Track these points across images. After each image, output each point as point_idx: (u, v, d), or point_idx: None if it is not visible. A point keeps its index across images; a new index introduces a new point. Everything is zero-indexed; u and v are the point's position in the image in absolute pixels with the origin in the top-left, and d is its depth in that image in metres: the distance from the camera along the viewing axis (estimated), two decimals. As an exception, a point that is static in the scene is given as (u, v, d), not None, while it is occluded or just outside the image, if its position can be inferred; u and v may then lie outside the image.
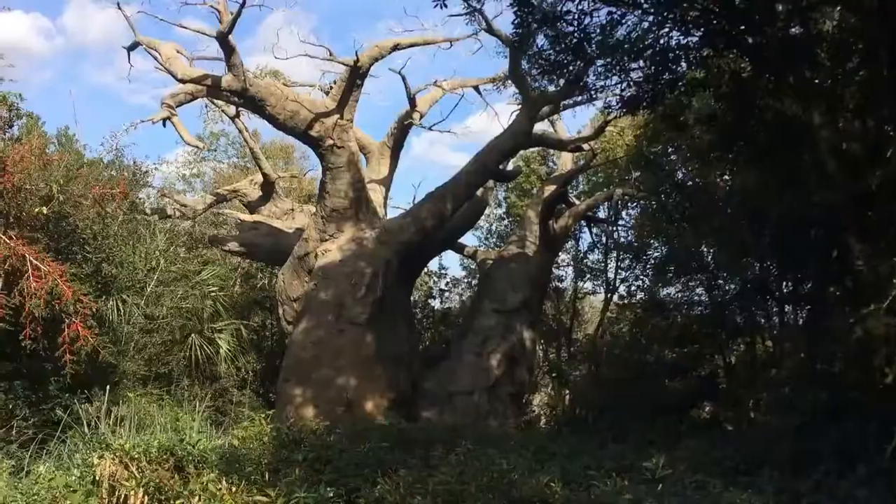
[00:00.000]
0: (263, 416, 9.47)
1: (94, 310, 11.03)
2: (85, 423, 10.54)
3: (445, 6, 10.06)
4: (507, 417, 18.92)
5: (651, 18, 9.60)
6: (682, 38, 9.65)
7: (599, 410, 17.50)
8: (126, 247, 14.13)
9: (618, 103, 10.88)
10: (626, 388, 17.80)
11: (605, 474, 7.20)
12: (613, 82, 10.31)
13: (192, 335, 17.27)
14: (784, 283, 15.96)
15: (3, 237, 9.89)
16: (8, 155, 10.23)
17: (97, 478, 7.00)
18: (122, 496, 7.04)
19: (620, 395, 17.58)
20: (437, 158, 71.82)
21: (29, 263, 9.94)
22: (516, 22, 9.89)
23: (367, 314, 16.95)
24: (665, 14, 9.29)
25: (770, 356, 17.49)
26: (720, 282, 18.01)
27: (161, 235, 16.20)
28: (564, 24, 9.43)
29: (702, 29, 9.66)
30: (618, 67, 9.97)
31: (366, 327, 16.93)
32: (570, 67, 10.14)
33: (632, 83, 10.38)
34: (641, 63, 9.99)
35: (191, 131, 18.31)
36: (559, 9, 9.36)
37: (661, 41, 9.77)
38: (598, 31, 9.33)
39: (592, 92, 10.36)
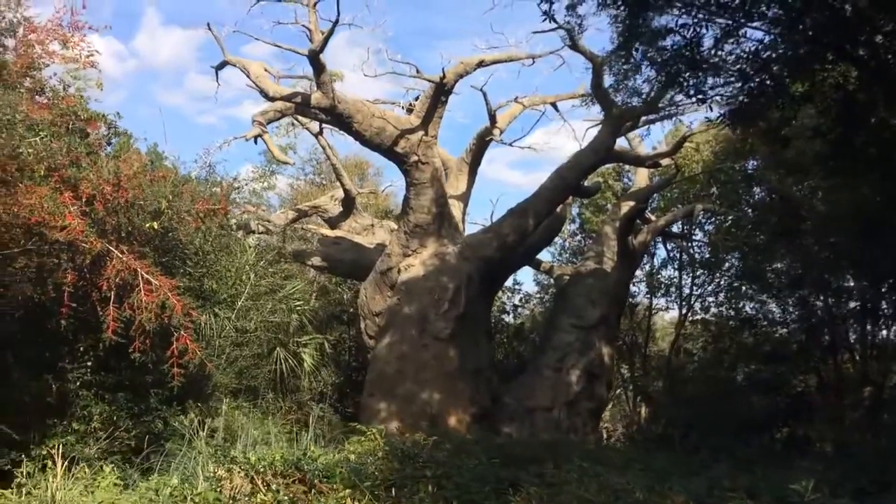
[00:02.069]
0: (376, 430, 9.53)
1: (202, 323, 11.26)
2: (193, 434, 10.73)
3: (554, 20, 10.07)
4: (587, 433, 18.73)
5: (761, 32, 9.49)
6: (790, 50, 9.48)
7: (685, 427, 17.17)
8: (224, 261, 14.41)
9: (722, 117, 10.72)
10: (711, 406, 17.45)
11: (739, 496, 7.01)
12: (726, 93, 10.16)
13: (278, 348, 17.50)
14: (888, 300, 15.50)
15: (116, 251, 10.15)
16: (122, 171, 10.53)
17: (225, 491, 7.09)
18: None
19: (705, 412, 17.25)
20: (494, 175, 71.92)
21: (140, 277, 10.17)
22: (622, 34, 9.86)
23: (450, 329, 17.02)
24: (776, 27, 9.16)
25: (863, 375, 16.99)
26: (813, 298, 17.57)
27: (251, 250, 16.49)
28: (678, 36, 9.39)
29: (811, 41, 9.48)
30: (729, 80, 9.85)
31: (449, 342, 16.98)
32: (687, 81, 10.03)
33: (737, 96, 10.24)
34: (746, 76, 9.85)
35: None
36: (666, 23, 9.31)
37: (768, 53, 9.62)
38: (711, 43, 9.26)
39: (702, 102, 10.20)
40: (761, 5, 8.94)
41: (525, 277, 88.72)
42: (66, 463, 10.90)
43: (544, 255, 25.16)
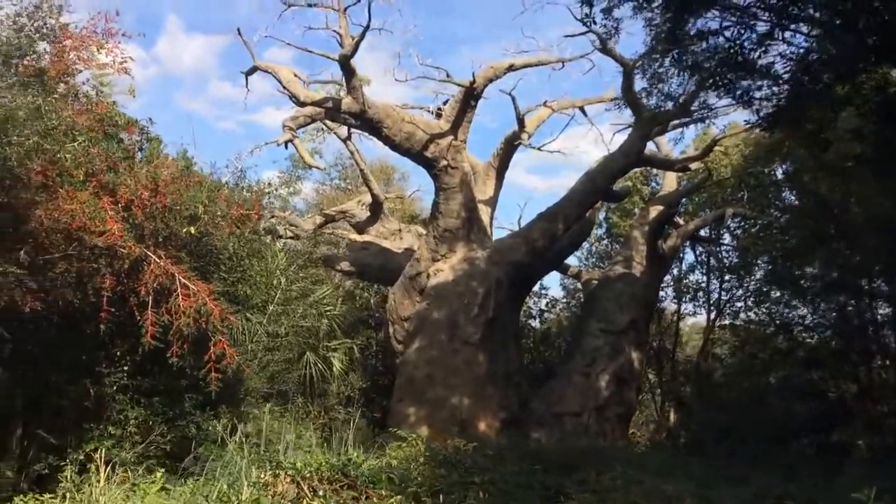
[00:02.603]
0: (416, 436, 9.46)
1: (239, 328, 11.24)
2: (227, 439, 10.70)
3: (594, 22, 10.00)
4: (616, 439, 18.58)
5: (800, 34, 9.37)
6: (836, 52, 9.34)
7: (718, 433, 16.96)
8: (257, 266, 14.43)
9: (761, 119, 10.60)
10: (745, 411, 17.23)
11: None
12: (766, 95, 10.03)
13: (308, 353, 17.51)
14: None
15: (153, 256, 10.16)
16: (159, 176, 10.56)
17: (271, 496, 7.05)
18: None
19: (739, 417, 17.03)
20: (514, 180, 71.64)
21: (178, 282, 10.17)
22: (659, 36, 9.76)
23: (479, 334, 16.96)
24: (819, 28, 9.03)
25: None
26: (849, 303, 17.31)
27: (281, 255, 16.52)
28: (721, 38, 9.29)
29: (857, 43, 9.34)
30: (769, 82, 9.74)
31: (478, 347, 16.93)
32: (732, 83, 9.91)
33: (778, 98, 10.11)
34: (789, 78, 9.73)
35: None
36: (708, 25, 9.21)
37: (811, 55, 9.50)
38: (749, 45, 9.15)
39: (748, 105, 10.07)
40: (808, 7, 8.83)
41: (551, 282, 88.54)
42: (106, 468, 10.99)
43: (571, 260, 25.07)
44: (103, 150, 10.56)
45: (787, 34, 9.49)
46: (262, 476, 7.44)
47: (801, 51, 9.43)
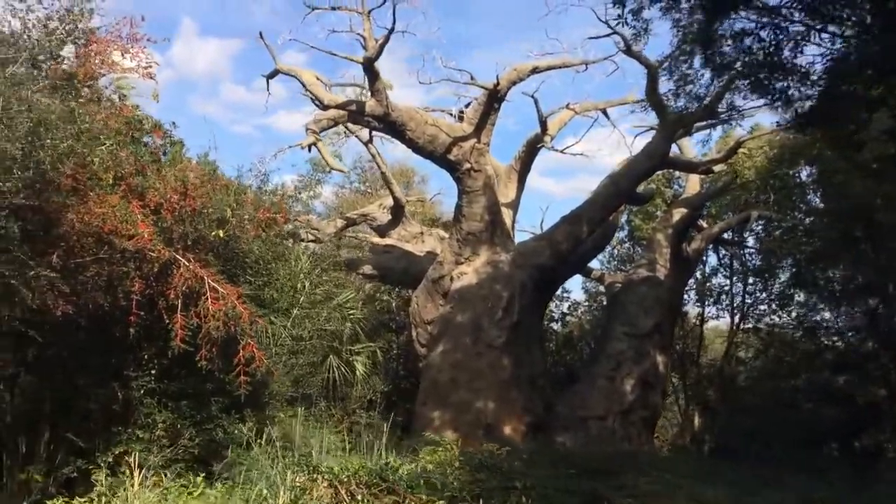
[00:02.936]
0: (452, 441, 9.38)
1: (264, 332, 11.20)
2: (253, 442, 10.66)
3: (626, 24, 9.90)
4: (641, 443, 18.42)
5: (837, 35, 9.21)
6: (876, 52, 9.18)
7: (747, 437, 16.76)
8: (282, 270, 14.39)
9: (794, 120, 10.45)
10: (773, 415, 17.03)
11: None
12: (799, 96, 9.88)
13: (331, 357, 17.45)
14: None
15: (182, 259, 10.14)
16: (188, 180, 10.54)
17: (308, 501, 6.99)
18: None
19: (767, 421, 16.83)
20: (529, 183, 71.27)
21: (207, 285, 10.13)
22: (694, 36, 9.65)
23: (504, 337, 16.88)
24: (855, 28, 8.89)
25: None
26: (881, 305, 17.06)
27: (304, 258, 16.47)
28: (757, 39, 9.16)
29: (891, 43, 9.17)
30: (803, 83, 9.59)
31: (503, 350, 16.85)
32: (771, 83, 9.77)
33: (810, 99, 9.96)
34: (824, 78, 9.58)
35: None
36: (741, 26, 9.09)
37: (847, 56, 9.34)
38: (790, 45, 9.02)
39: (787, 105, 9.90)
40: (844, 7, 8.68)
41: (572, 285, 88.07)
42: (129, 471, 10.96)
43: (593, 263, 24.90)
44: (132, 153, 10.57)
45: (822, 35, 9.34)
46: (299, 480, 7.36)
47: (836, 51, 9.27)
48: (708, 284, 25.80)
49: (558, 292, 25.95)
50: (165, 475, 10.49)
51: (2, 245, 7.50)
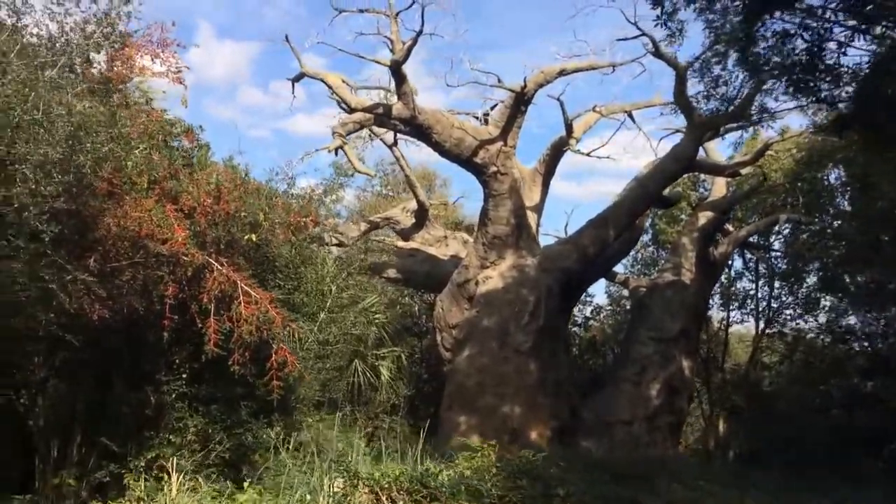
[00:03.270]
0: (490, 446, 9.29)
1: (292, 336, 11.15)
2: (281, 447, 10.61)
3: (665, 25, 9.79)
4: (667, 448, 18.25)
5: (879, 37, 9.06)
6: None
7: (778, 443, 16.54)
8: (311, 274, 14.34)
9: (829, 122, 10.30)
10: (805, 421, 16.81)
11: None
12: (839, 98, 9.74)
13: (356, 361, 17.42)
14: None
15: (216, 263, 10.10)
16: (222, 183, 10.52)
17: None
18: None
19: (798, 427, 16.62)
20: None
21: (240, 289, 10.09)
22: (740, 37, 9.53)
23: (530, 342, 16.77)
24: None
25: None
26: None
27: (330, 262, 16.43)
28: (802, 41, 9.04)
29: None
30: (844, 83, 9.45)
31: (529, 355, 16.74)
32: (816, 84, 9.63)
33: (849, 100, 9.81)
34: (865, 79, 9.43)
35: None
36: (781, 27, 8.97)
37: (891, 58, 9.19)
38: (833, 46, 8.89)
39: (832, 107, 9.76)
40: (890, 8, 8.53)
41: (595, 290, 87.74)
42: (161, 475, 10.93)
43: (616, 267, 24.74)
44: (165, 157, 10.56)
45: (865, 36, 9.19)
46: (339, 486, 7.29)
47: (878, 53, 9.11)
48: (732, 288, 25.56)
49: (581, 297, 25.80)
50: (200, 480, 10.49)
51: (41, 249, 7.47)
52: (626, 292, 25.10)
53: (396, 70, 15.23)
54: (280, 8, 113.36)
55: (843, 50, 9.14)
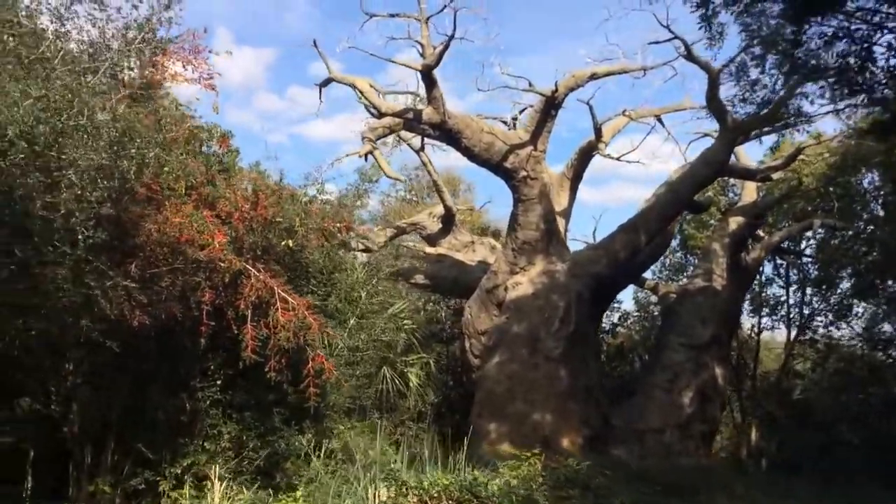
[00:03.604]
0: (534, 454, 9.16)
1: (323, 343, 11.08)
2: (313, 454, 10.52)
3: (710, 27, 9.65)
4: (700, 457, 17.98)
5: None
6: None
7: (814, 451, 16.26)
8: (345, 280, 14.25)
9: (866, 126, 10.11)
10: (838, 429, 16.54)
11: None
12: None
13: (384, 367, 17.31)
14: None
15: (253, 269, 10.03)
16: (260, 189, 10.47)
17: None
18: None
19: (832, 435, 16.35)
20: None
21: (277, 296, 10.02)
22: (791, 39, 9.36)
23: (561, 348, 16.59)
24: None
25: None
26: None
27: (360, 268, 16.35)
28: (852, 42, 8.86)
29: None
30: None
31: (560, 362, 16.56)
32: (869, 86, 9.44)
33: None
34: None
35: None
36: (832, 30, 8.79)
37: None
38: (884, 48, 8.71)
39: (888, 110, 9.55)
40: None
41: (622, 295, 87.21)
42: (196, 482, 10.86)
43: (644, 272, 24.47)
44: (202, 162, 10.52)
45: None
46: (386, 495, 7.18)
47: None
48: (763, 295, 25.23)
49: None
50: (237, 487, 10.43)
51: (88, 255, 7.41)
52: (653, 298, 24.84)
53: (427, 74, 15.15)
54: (297, 12, 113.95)
55: (893, 52, 8.95)
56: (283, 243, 10.63)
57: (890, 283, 20.01)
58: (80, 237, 6.99)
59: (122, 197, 8.43)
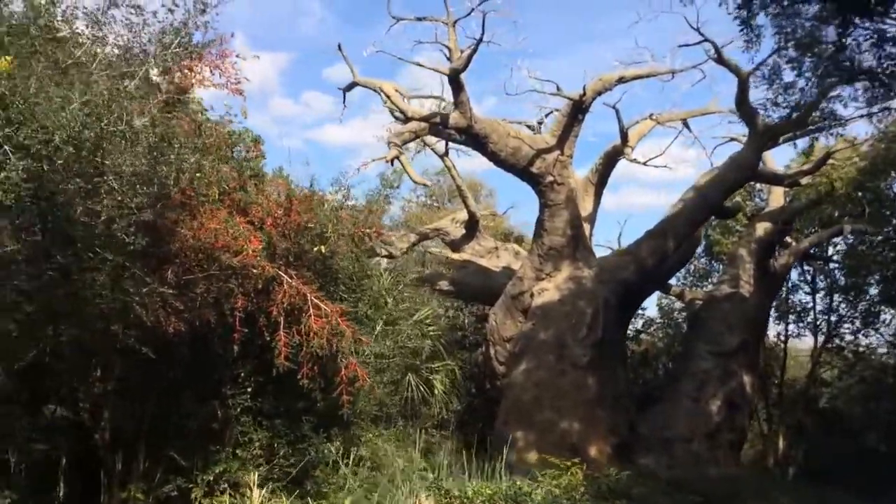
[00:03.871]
0: (574, 464, 9.02)
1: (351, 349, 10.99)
2: (340, 461, 10.40)
3: (751, 29, 9.50)
4: (728, 466, 17.71)
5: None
6: None
7: (843, 459, 16.02)
8: (374, 286, 14.16)
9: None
10: (868, 438, 16.29)
11: None
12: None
13: (409, 374, 17.16)
14: None
15: (285, 276, 9.94)
16: (294, 195, 10.40)
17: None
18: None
19: (862, 443, 16.11)
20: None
21: (309, 302, 9.92)
22: (834, 41, 9.21)
23: (588, 356, 16.41)
24: None
25: None
26: None
27: (386, 274, 16.26)
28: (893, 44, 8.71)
29: None
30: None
31: (587, 369, 16.38)
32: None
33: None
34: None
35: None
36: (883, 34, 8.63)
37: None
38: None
39: None
40: None
41: (647, 302, 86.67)
42: (237, 490, 10.77)
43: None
44: (234, 168, 10.46)
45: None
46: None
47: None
48: (789, 301, 24.91)
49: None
50: (274, 494, 10.34)
51: (126, 261, 7.35)
52: (678, 305, 24.59)
53: (455, 79, 15.05)
54: (314, 16, 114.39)
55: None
56: (315, 249, 10.53)
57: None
58: (126, 242, 6.92)
59: (156, 202, 8.38)
